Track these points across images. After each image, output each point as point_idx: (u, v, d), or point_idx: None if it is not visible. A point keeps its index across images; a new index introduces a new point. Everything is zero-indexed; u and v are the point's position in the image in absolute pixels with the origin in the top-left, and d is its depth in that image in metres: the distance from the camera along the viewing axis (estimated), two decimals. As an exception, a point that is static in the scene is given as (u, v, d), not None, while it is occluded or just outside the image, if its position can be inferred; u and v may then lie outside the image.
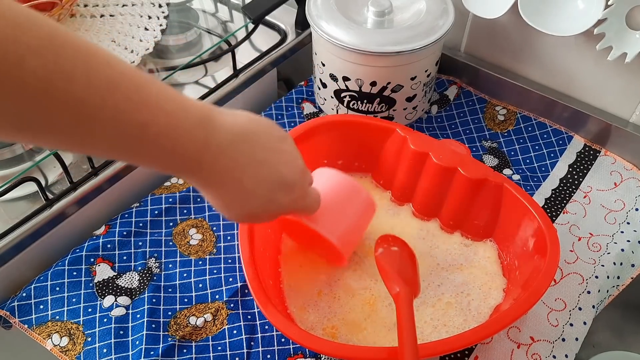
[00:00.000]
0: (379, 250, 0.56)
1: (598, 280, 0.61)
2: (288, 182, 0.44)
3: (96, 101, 0.31)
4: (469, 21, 0.79)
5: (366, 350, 0.49)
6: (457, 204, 0.63)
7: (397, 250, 0.57)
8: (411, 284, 0.53)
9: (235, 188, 0.41)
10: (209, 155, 0.38)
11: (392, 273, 0.53)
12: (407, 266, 0.55)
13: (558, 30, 0.66)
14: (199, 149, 0.37)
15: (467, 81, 0.83)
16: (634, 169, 0.71)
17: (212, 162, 0.39)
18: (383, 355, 0.47)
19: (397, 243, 0.58)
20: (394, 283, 0.52)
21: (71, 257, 0.64)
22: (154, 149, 0.36)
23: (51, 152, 0.64)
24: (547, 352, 0.57)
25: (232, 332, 0.59)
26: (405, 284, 0.52)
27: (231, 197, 0.42)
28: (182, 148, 0.37)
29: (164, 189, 0.71)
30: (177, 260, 0.64)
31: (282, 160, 0.43)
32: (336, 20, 0.68)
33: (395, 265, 0.54)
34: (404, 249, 0.57)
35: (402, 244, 0.58)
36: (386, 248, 0.57)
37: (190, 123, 0.37)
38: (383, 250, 0.56)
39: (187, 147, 0.37)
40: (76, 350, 0.57)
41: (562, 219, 0.67)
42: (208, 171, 0.39)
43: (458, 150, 0.62)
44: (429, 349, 0.49)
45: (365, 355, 0.48)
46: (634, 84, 0.70)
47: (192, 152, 0.37)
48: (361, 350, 0.49)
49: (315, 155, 0.67)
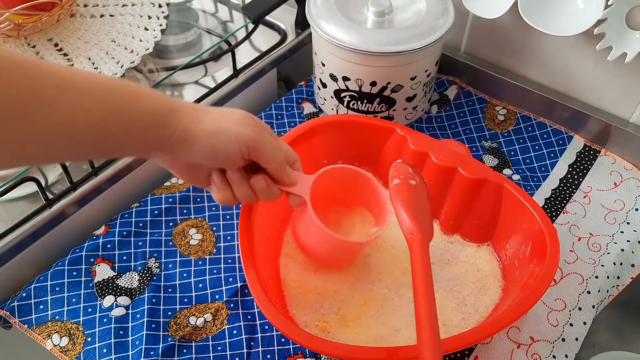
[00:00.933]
0: (394, 181, 0.50)
1: (598, 280, 0.61)
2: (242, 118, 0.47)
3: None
4: (469, 21, 0.79)
5: (366, 350, 0.49)
6: (457, 204, 0.63)
7: (414, 185, 0.51)
8: (427, 227, 0.48)
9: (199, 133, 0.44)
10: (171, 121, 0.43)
11: (408, 212, 0.48)
12: (423, 205, 0.50)
13: (558, 30, 0.66)
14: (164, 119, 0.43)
15: (467, 81, 0.83)
16: (634, 169, 0.71)
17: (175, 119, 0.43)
18: (383, 355, 0.47)
19: (414, 175, 0.52)
20: (409, 225, 0.48)
21: (71, 257, 0.64)
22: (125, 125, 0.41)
23: (51, 152, 0.64)
24: (547, 352, 0.57)
25: (232, 332, 0.59)
26: (421, 227, 0.47)
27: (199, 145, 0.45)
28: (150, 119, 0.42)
29: (164, 189, 0.71)
30: (177, 260, 0.64)
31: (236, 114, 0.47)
32: (336, 20, 0.68)
33: (412, 204, 0.49)
34: (421, 183, 0.51)
35: (420, 178, 0.52)
36: (403, 180, 0.50)
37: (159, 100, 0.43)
38: (400, 183, 0.50)
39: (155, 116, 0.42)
40: (76, 350, 0.57)
41: (562, 219, 0.67)
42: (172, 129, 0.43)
43: (458, 150, 0.62)
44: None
45: (366, 355, 0.48)
46: (634, 84, 0.70)
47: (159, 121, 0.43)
48: (361, 350, 0.49)
49: (315, 155, 0.67)
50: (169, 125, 0.43)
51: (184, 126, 0.44)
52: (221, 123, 0.45)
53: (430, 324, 0.42)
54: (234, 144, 0.45)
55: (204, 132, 0.44)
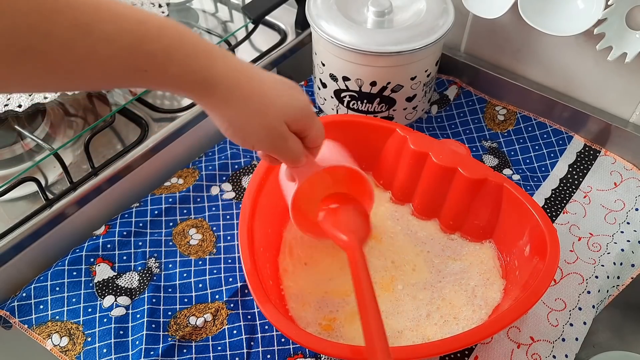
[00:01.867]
0: (320, 215, 0.56)
1: (598, 280, 0.61)
2: (294, 89, 0.46)
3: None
4: (469, 21, 0.79)
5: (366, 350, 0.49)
6: (457, 204, 0.63)
7: (335, 208, 0.57)
8: (357, 230, 0.53)
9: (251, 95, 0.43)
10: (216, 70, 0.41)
11: (337, 230, 0.54)
12: (347, 218, 0.56)
13: (558, 30, 0.66)
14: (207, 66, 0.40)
15: (467, 81, 0.83)
16: (634, 169, 0.71)
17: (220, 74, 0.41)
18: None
19: (335, 200, 0.58)
20: (341, 238, 0.53)
21: (71, 257, 0.64)
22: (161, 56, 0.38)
23: (51, 152, 0.64)
24: (547, 352, 0.57)
25: (232, 332, 0.59)
26: (350, 235, 0.52)
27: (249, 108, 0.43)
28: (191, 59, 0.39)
29: (164, 189, 0.71)
30: (177, 260, 0.64)
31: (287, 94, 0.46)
32: (336, 20, 0.68)
33: (337, 222, 0.55)
34: (344, 202, 0.57)
35: (341, 199, 0.58)
36: (325, 210, 0.57)
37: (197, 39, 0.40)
38: (324, 214, 0.56)
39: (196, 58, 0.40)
40: (76, 350, 0.57)
41: (562, 219, 0.67)
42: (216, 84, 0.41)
43: (458, 150, 0.62)
44: (429, 349, 0.49)
45: (366, 355, 0.48)
46: (634, 84, 0.70)
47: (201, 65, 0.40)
48: (361, 350, 0.49)
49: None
50: (203, 94, 0.41)
51: (225, 96, 0.42)
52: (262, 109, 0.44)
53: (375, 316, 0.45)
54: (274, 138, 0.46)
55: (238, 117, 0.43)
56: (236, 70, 0.42)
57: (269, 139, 0.46)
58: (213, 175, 0.72)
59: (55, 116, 0.72)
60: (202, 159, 0.74)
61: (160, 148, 0.71)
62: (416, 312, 0.58)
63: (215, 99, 0.42)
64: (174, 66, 0.38)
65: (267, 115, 0.44)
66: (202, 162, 0.74)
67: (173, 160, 0.74)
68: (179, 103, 0.76)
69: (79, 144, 0.70)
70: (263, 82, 0.44)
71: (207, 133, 0.76)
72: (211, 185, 0.72)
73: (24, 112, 0.66)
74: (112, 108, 0.73)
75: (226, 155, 0.74)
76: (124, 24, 0.35)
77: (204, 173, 0.72)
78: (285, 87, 0.46)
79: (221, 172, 0.73)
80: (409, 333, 0.57)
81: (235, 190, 0.71)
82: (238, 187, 0.72)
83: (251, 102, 0.43)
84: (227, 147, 0.75)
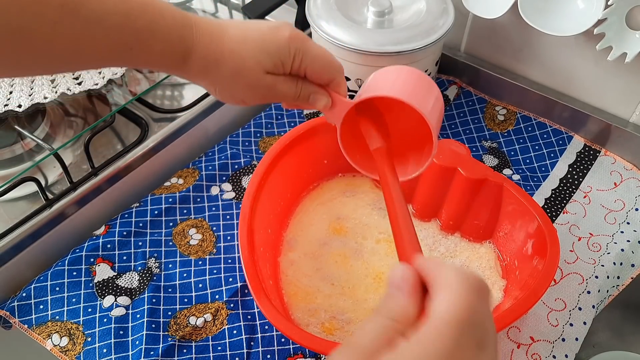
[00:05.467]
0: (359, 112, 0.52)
1: (598, 280, 0.61)
2: (274, 24, 0.44)
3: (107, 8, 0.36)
4: (469, 21, 0.79)
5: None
6: (457, 204, 0.63)
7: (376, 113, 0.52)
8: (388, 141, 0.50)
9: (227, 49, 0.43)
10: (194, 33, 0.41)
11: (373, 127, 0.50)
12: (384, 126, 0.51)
13: (558, 30, 0.66)
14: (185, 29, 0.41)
15: (467, 81, 0.83)
16: (634, 169, 0.71)
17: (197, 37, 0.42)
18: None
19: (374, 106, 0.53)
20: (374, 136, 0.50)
21: (71, 257, 0.64)
22: (144, 32, 0.39)
23: (51, 152, 0.64)
24: (547, 352, 0.57)
25: (232, 332, 0.59)
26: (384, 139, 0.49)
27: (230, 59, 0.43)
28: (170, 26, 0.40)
29: (164, 189, 0.71)
30: (177, 260, 0.64)
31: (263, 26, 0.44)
32: (336, 20, 0.68)
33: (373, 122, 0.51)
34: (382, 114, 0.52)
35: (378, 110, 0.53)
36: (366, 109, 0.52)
37: (174, 11, 0.41)
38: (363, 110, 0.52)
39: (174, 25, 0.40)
40: (76, 350, 0.57)
41: (562, 219, 0.67)
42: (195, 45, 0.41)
43: (458, 150, 0.62)
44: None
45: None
46: (634, 84, 0.70)
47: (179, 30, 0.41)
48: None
49: (315, 155, 0.67)
50: (183, 67, 0.42)
51: (201, 65, 0.42)
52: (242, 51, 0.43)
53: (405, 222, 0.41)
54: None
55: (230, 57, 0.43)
56: (207, 34, 0.42)
57: (255, 93, 0.45)
58: (213, 175, 0.72)
59: (55, 116, 0.72)
60: (202, 159, 0.74)
61: (160, 148, 0.71)
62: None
63: (194, 70, 0.42)
64: (157, 43, 0.39)
65: (243, 71, 0.43)
66: (202, 162, 0.74)
67: (173, 160, 0.74)
68: (179, 103, 0.76)
69: (79, 144, 0.70)
70: (234, 39, 0.43)
71: (207, 133, 0.76)
72: (211, 185, 0.72)
73: (24, 112, 0.66)
74: (112, 108, 0.73)
75: (226, 155, 0.74)
76: (109, 2, 0.36)
77: (204, 173, 0.72)
78: (259, 33, 0.44)
79: (221, 172, 0.73)
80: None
81: (235, 190, 0.71)
82: (238, 187, 0.72)
83: (225, 65, 0.43)
84: (227, 147, 0.75)
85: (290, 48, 0.44)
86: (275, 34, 0.44)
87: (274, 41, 0.43)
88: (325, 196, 0.69)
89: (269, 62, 0.43)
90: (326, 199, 0.69)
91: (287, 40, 0.44)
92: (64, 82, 0.69)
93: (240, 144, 0.76)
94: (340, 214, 0.67)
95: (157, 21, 0.39)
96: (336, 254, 0.63)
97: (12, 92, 0.68)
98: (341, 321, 0.58)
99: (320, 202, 0.68)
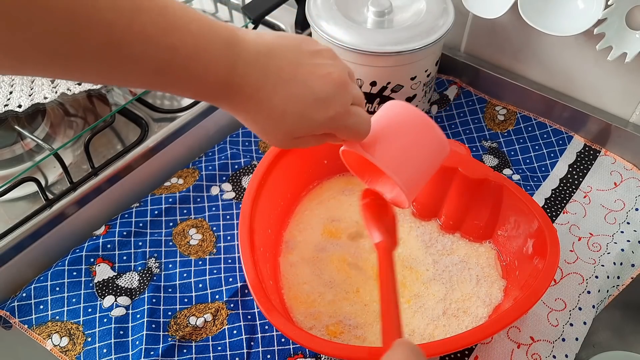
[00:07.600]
0: (364, 200, 0.55)
1: (598, 280, 0.61)
2: (320, 97, 0.41)
3: (123, 24, 0.32)
4: (469, 21, 0.79)
5: (366, 350, 0.49)
6: (457, 203, 0.63)
7: (381, 204, 0.55)
8: (392, 236, 0.53)
9: (266, 108, 0.40)
10: (236, 77, 0.38)
11: (375, 223, 0.53)
12: (389, 221, 0.54)
13: (558, 30, 0.66)
14: (227, 71, 0.37)
15: (467, 81, 0.83)
16: (634, 169, 0.71)
17: (240, 83, 0.38)
18: (382, 355, 0.47)
19: (381, 199, 0.56)
20: (376, 232, 0.52)
21: (71, 257, 0.64)
22: (183, 73, 0.36)
23: (51, 152, 0.64)
24: (547, 352, 0.57)
25: (232, 332, 0.59)
26: (386, 237, 0.52)
27: (264, 119, 0.41)
28: (211, 71, 0.37)
29: (164, 189, 0.71)
30: (177, 260, 0.64)
31: (314, 75, 0.41)
32: (336, 20, 0.68)
33: (378, 217, 0.54)
34: (387, 206, 0.56)
35: (384, 202, 0.56)
36: (372, 200, 0.55)
37: (217, 44, 0.37)
38: (369, 201, 0.55)
39: (216, 69, 0.37)
40: (76, 351, 0.57)
41: (562, 219, 0.67)
42: (237, 93, 0.39)
43: (458, 150, 0.62)
44: (429, 349, 0.49)
45: (365, 355, 0.48)
46: (634, 84, 0.70)
47: (221, 75, 0.37)
48: (361, 350, 0.49)
49: (315, 156, 0.67)
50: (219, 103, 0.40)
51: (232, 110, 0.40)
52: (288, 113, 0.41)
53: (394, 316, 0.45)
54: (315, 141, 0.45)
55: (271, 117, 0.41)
56: (251, 64, 0.39)
57: (286, 143, 0.44)
58: (213, 175, 0.72)
59: (55, 116, 0.72)
60: (202, 159, 0.74)
61: (160, 148, 0.71)
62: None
63: (233, 105, 0.40)
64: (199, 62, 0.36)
65: (280, 125, 0.42)
66: (202, 162, 0.74)
67: (173, 160, 0.74)
68: (179, 103, 0.76)
69: (79, 144, 0.70)
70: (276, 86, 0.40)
71: (207, 133, 0.76)
72: (211, 185, 0.72)
73: (24, 112, 0.66)
74: (112, 108, 0.73)
75: (226, 155, 0.74)
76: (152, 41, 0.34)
77: (204, 173, 0.72)
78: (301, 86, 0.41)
79: (221, 172, 0.73)
80: (407, 333, 0.57)
81: (235, 190, 0.71)
82: (238, 187, 0.72)
83: (263, 110, 0.41)
84: (227, 147, 0.75)
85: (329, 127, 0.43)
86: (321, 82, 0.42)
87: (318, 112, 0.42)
88: (325, 195, 0.69)
89: (303, 130, 0.43)
90: (325, 198, 0.69)
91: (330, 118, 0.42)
92: (64, 82, 0.69)
93: (240, 144, 0.76)
94: (340, 214, 0.67)
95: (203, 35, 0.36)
96: (336, 254, 0.63)
97: (12, 92, 0.68)
98: (348, 326, 0.58)
99: (320, 201, 0.68)
